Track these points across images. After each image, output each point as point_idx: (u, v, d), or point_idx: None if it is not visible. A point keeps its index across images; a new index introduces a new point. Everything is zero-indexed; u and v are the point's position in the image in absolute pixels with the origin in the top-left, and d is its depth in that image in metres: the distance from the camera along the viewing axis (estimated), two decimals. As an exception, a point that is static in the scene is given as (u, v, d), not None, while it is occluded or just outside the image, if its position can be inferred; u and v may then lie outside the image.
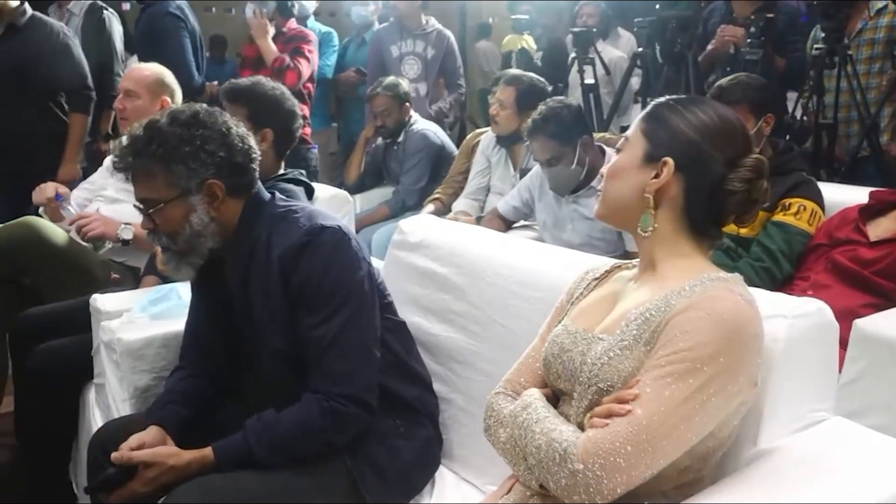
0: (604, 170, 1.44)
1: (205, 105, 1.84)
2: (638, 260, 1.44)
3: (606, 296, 1.44)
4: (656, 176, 1.33)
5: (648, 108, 1.42)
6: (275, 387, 1.79)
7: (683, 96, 1.42)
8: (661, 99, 1.42)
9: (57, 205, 2.83)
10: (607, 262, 1.55)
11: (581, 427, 1.27)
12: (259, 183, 1.87)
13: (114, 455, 1.72)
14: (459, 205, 3.75)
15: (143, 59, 3.16)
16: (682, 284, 1.27)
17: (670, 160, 1.32)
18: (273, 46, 4.42)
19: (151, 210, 1.76)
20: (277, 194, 1.92)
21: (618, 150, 1.42)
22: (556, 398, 1.40)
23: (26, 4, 3.77)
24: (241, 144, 1.80)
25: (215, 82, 4.66)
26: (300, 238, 1.74)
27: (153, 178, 1.74)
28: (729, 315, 1.21)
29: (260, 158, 1.87)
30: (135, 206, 1.83)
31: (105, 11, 4.40)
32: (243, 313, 1.82)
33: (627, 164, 1.37)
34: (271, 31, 4.43)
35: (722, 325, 1.20)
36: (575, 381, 1.33)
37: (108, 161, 3.06)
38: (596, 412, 1.23)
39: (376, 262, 2.76)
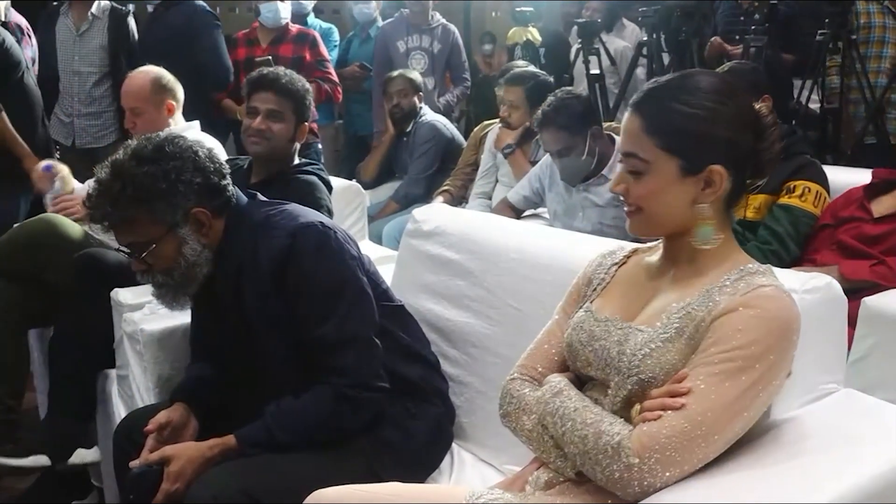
0: (617, 190, 1.36)
1: (161, 133, 1.81)
2: (657, 242, 1.44)
3: (633, 283, 1.42)
4: (706, 185, 1.29)
5: (644, 118, 1.31)
6: (279, 390, 1.80)
7: (663, 86, 1.33)
8: (644, 101, 1.32)
9: (43, 175, 2.84)
10: (623, 245, 1.55)
11: (618, 416, 1.29)
12: (238, 192, 1.86)
13: (146, 429, 1.79)
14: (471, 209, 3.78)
15: (165, 58, 3.15)
16: (721, 278, 1.28)
17: (718, 167, 1.28)
18: None
19: (144, 253, 1.75)
20: (258, 196, 1.93)
21: (634, 174, 1.32)
22: (580, 383, 1.41)
23: None
24: (211, 164, 1.79)
25: None
26: (284, 241, 1.76)
27: (136, 222, 1.73)
28: (779, 313, 1.23)
29: (289, 150, 1.86)
30: (120, 250, 1.80)
31: (130, 14, 4.42)
32: (239, 325, 1.84)
33: (664, 185, 1.30)
34: None
35: (774, 323, 1.22)
36: (611, 370, 1.33)
37: None
38: (647, 406, 1.24)
39: (388, 253, 2.83)
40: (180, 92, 3.04)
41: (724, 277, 1.28)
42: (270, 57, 4.07)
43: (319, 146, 4.66)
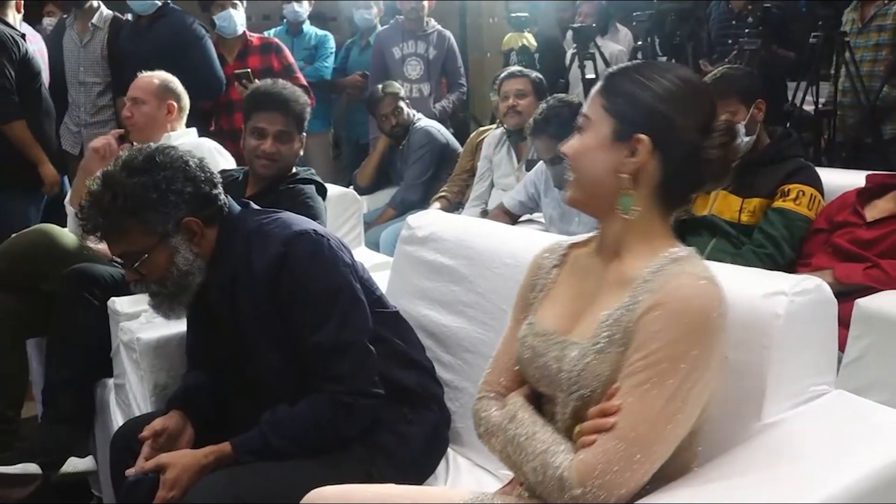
0: (563, 148, 1.37)
1: (152, 144, 1.83)
2: (590, 235, 1.40)
3: (570, 289, 1.39)
4: (631, 154, 1.26)
5: (603, 80, 1.33)
6: (274, 397, 1.81)
7: (638, 62, 1.35)
8: (615, 69, 1.35)
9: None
10: (560, 241, 1.49)
11: (568, 434, 1.27)
12: (230, 201, 1.88)
13: (141, 435, 1.80)
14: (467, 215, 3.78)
15: (161, 66, 3.17)
16: (641, 272, 1.25)
17: (645, 137, 1.25)
18: None
19: (136, 263, 1.76)
20: (252, 204, 1.94)
21: (578, 129, 1.34)
22: (537, 397, 1.38)
23: None
24: (202, 173, 1.80)
25: None
26: (278, 249, 1.77)
27: (128, 232, 1.74)
28: (694, 303, 1.19)
29: (293, 164, 1.97)
30: (113, 261, 1.81)
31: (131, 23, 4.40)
32: (234, 333, 1.85)
33: (594, 145, 1.30)
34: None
35: (689, 316, 1.18)
36: (556, 387, 1.30)
37: None
38: (583, 429, 1.22)
39: (385, 259, 2.84)
40: (185, 101, 3.07)
41: (645, 270, 1.24)
42: (249, 70, 4.08)
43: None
